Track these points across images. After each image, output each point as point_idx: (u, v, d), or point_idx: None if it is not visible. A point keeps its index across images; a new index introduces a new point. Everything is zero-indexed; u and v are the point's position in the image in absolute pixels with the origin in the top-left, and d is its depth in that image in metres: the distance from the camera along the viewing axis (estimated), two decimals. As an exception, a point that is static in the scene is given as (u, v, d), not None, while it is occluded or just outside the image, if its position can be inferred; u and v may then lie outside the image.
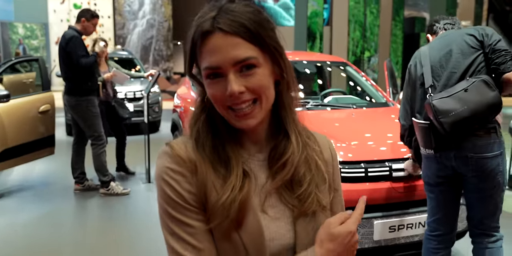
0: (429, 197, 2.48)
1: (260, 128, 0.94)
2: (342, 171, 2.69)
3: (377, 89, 4.03)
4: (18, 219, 4.03)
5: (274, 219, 0.92)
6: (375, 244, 2.72)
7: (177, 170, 0.88)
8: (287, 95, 0.94)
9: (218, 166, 0.89)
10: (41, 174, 5.48)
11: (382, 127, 3.27)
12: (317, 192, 0.94)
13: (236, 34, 0.85)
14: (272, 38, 0.90)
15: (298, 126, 0.96)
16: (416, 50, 2.60)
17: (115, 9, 15.54)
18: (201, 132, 0.92)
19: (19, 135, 4.51)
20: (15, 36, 15.21)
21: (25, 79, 8.90)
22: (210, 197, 0.88)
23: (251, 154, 0.94)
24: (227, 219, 0.86)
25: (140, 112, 7.43)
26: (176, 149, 0.90)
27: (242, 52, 0.85)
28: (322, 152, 1.00)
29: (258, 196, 0.92)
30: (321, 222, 0.94)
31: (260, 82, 0.87)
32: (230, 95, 0.85)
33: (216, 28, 0.85)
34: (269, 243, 0.90)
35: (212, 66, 0.85)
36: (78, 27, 4.43)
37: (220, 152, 0.90)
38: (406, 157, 2.82)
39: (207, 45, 0.86)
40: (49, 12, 15.20)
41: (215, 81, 0.86)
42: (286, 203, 0.93)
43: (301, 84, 4.37)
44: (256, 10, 0.89)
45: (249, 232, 0.88)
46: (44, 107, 4.75)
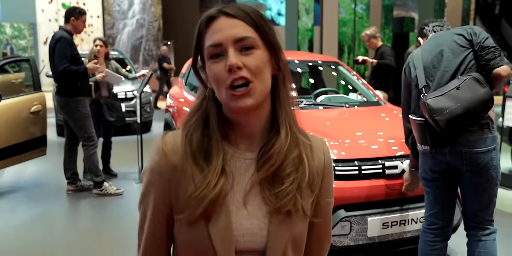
0: (426, 192, 2.53)
1: (256, 121, 0.96)
2: (336, 169, 2.73)
3: (369, 88, 4.07)
4: (10, 221, 4.01)
5: (249, 216, 0.94)
6: (369, 240, 2.76)
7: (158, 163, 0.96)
8: (283, 90, 0.97)
9: (201, 161, 0.93)
10: (33, 175, 5.45)
11: (374, 126, 3.31)
12: (297, 193, 0.95)
13: (238, 17, 0.92)
14: (271, 34, 0.95)
15: (291, 121, 0.97)
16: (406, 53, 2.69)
17: (104, 8, 15.45)
18: (192, 128, 0.96)
19: (10, 135, 4.48)
20: (2, 36, 15.05)
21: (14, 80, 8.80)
22: (187, 188, 0.92)
23: (240, 152, 0.97)
24: (195, 213, 0.91)
25: (131, 112, 7.41)
26: (166, 143, 0.96)
27: (242, 31, 0.91)
28: (314, 158, 1.00)
29: (238, 192, 0.95)
30: (296, 226, 0.96)
31: (258, 62, 0.91)
32: (229, 68, 0.89)
33: (221, 12, 0.93)
34: (238, 238, 0.93)
35: (214, 42, 0.91)
36: (68, 27, 4.41)
37: (205, 147, 0.94)
38: (399, 155, 2.87)
39: (211, 28, 0.92)
40: (37, 11, 15.06)
41: (216, 60, 0.91)
42: (265, 198, 0.95)
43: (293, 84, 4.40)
44: (258, 11, 0.96)
45: (218, 226, 0.92)
46: (36, 107, 4.72)
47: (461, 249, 3.35)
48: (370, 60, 5.26)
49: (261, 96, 0.92)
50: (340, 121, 3.40)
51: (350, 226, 2.70)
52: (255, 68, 0.90)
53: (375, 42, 5.65)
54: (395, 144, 2.97)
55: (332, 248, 2.72)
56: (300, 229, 0.97)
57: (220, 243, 0.91)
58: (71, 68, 4.26)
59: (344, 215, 2.68)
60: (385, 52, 5.52)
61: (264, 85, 0.92)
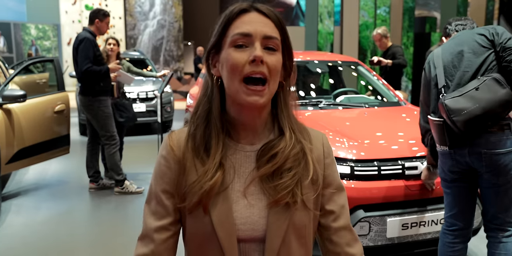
0: (445, 192, 2.51)
1: (257, 119, 1.01)
2: (355, 169, 2.72)
3: (389, 88, 4.05)
4: (35, 218, 4.11)
5: (249, 206, 0.99)
6: (388, 241, 2.75)
7: (165, 157, 1.04)
8: (286, 95, 1.03)
9: (202, 154, 1.00)
10: (56, 173, 5.57)
11: (394, 126, 3.29)
12: (296, 187, 0.98)
13: (269, 17, 0.98)
14: (289, 39, 1.01)
15: (293, 124, 1.03)
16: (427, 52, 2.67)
17: (126, 10, 15.66)
18: (197, 123, 1.02)
19: (35, 134, 4.59)
20: (28, 37, 15.40)
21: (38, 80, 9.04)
22: (189, 179, 0.99)
23: (240, 145, 1.02)
24: (191, 202, 0.98)
25: (152, 112, 7.50)
26: (172, 138, 1.04)
27: (271, 31, 0.97)
28: (313, 149, 1.04)
29: (239, 182, 1.00)
30: (295, 215, 0.99)
31: (276, 63, 0.97)
32: (254, 58, 0.93)
33: (253, 8, 0.98)
34: (240, 226, 0.98)
35: (245, 32, 0.95)
36: (92, 28, 4.51)
37: (206, 141, 1.00)
38: (419, 156, 2.85)
39: (242, 19, 0.97)
40: (61, 13, 15.36)
41: (240, 49, 0.96)
42: (264, 190, 0.99)
43: (313, 84, 4.40)
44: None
45: (220, 215, 0.97)
46: (60, 107, 4.83)
47: (482, 252, 3.31)
48: (385, 61, 5.20)
49: (270, 97, 0.98)
50: (359, 121, 3.39)
51: (369, 226, 2.69)
52: (273, 68, 0.95)
53: (386, 42, 5.60)
54: (415, 144, 2.95)
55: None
56: (301, 218, 1.00)
57: (222, 231, 0.96)
58: (94, 68, 4.34)
59: (363, 216, 2.67)
60: (397, 52, 5.46)
61: (274, 88, 0.98)
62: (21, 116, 4.46)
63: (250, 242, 0.99)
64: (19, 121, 4.44)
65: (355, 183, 2.72)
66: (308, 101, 3.68)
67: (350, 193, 2.69)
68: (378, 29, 5.62)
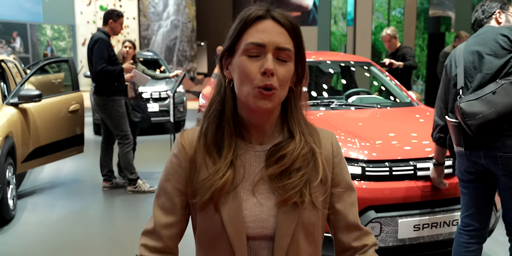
0: (462, 192, 2.49)
1: (267, 121, 1.03)
2: (366, 169, 2.72)
3: (402, 89, 4.03)
4: (50, 216, 4.17)
5: (259, 204, 1.01)
6: (399, 242, 2.74)
7: (176, 155, 1.06)
8: (297, 101, 1.05)
9: (214, 153, 1.02)
10: (71, 172, 5.65)
11: (406, 127, 3.28)
12: (304, 187, 1.00)
13: (284, 26, 0.98)
14: (304, 48, 1.02)
15: (303, 127, 1.04)
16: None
17: (140, 10, 15.79)
18: (209, 122, 1.04)
19: (50, 133, 4.66)
20: (43, 37, 15.61)
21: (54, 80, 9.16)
22: (200, 176, 1.02)
23: (251, 145, 1.04)
24: (203, 199, 1.00)
25: (165, 112, 7.56)
26: (184, 137, 1.06)
27: (286, 41, 0.97)
28: (322, 149, 1.05)
29: (248, 181, 1.02)
30: (304, 214, 1.00)
31: (287, 74, 0.98)
32: (265, 71, 0.94)
33: (270, 15, 0.98)
34: (249, 224, 1.00)
35: (259, 42, 0.96)
36: (106, 28, 4.56)
37: (218, 141, 1.02)
38: (431, 157, 2.83)
39: (258, 26, 0.97)
40: (76, 14, 15.54)
41: (252, 59, 0.97)
42: (273, 189, 1.01)
43: (325, 84, 4.40)
44: (297, 23, 1.02)
45: (230, 212, 0.99)
46: (74, 106, 4.89)
47: (497, 254, 3.28)
48: (396, 63, 5.09)
49: (278, 102, 1.00)
50: (371, 122, 3.38)
51: (380, 227, 2.69)
52: (283, 79, 0.97)
53: (395, 43, 5.51)
54: (428, 145, 2.93)
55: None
56: (309, 217, 1.02)
57: (232, 228, 0.99)
58: (108, 68, 4.40)
59: (374, 216, 2.67)
60: (407, 53, 5.36)
61: (283, 94, 1.00)
62: (36, 115, 4.53)
63: (259, 240, 1.00)
64: (35, 120, 4.51)
65: (366, 183, 2.72)
66: (320, 101, 3.68)
67: (361, 194, 2.69)
68: (387, 30, 5.52)
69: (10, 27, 14.42)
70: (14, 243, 3.55)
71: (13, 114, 4.20)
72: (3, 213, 3.82)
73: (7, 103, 4.26)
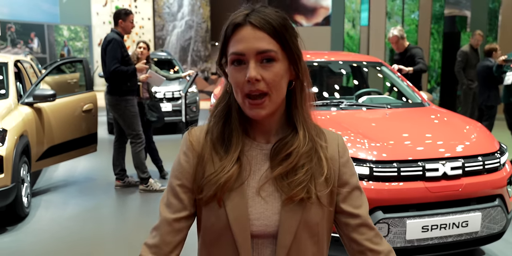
0: None
1: (270, 120, 1.04)
2: (374, 170, 2.71)
3: (413, 89, 4.00)
4: (62, 213, 4.24)
5: (264, 202, 1.01)
6: (407, 243, 2.72)
7: (185, 152, 1.07)
8: (300, 95, 1.05)
9: (220, 150, 1.03)
10: (85, 170, 5.73)
11: (415, 127, 3.26)
12: (310, 183, 1.00)
13: (263, 29, 0.98)
14: (293, 42, 1.01)
15: (308, 123, 1.05)
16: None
17: (155, 11, 15.91)
18: (216, 120, 1.06)
19: (64, 132, 4.74)
20: (60, 38, 15.83)
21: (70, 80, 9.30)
22: (206, 172, 1.03)
23: (257, 143, 1.05)
24: (208, 194, 1.01)
25: (178, 112, 7.62)
26: (192, 134, 1.08)
27: (265, 44, 0.97)
28: (328, 148, 1.06)
29: (254, 179, 1.03)
30: (309, 211, 1.01)
31: (276, 75, 0.98)
32: (248, 79, 0.96)
33: (247, 21, 0.98)
34: (254, 222, 1.00)
35: (238, 52, 0.97)
36: (118, 29, 4.62)
37: (225, 137, 1.03)
38: (440, 157, 2.81)
39: (237, 35, 0.98)
40: (92, 14, 15.73)
41: (238, 67, 0.98)
42: (278, 187, 1.01)
43: (335, 84, 4.39)
44: (284, 17, 1.02)
45: (235, 209, 1.00)
46: (88, 106, 4.96)
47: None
48: (406, 69, 4.91)
49: (275, 106, 1.00)
50: (380, 122, 3.37)
51: (388, 228, 2.68)
52: (272, 81, 0.97)
53: (403, 43, 5.29)
54: (437, 145, 2.91)
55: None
56: (314, 215, 1.01)
57: (236, 225, 0.99)
58: (121, 68, 4.45)
59: (382, 217, 2.66)
60: (416, 54, 5.14)
61: (279, 95, 1.00)
62: (51, 115, 4.61)
63: (263, 238, 1.01)
64: (49, 119, 4.59)
65: (374, 184, 2.71)
66: (329, 101, 3.68)
67: (369, 194, 2.68)
68: (393, 30, 5.27)
69: (28, 28, 14.67)
70: (28, 240, 3.62)
71: (28, 114, 4.28)
72: (17, 210, 3.90)
73: (22, 102, 4.34)
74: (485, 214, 2.83)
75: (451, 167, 2.78)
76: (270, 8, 1.02)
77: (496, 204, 2.88)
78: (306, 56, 4.24)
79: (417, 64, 5.08)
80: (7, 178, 3.66)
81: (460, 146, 2.96)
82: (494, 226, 2.89)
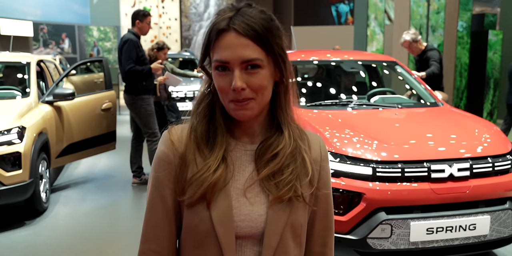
0: None
1: (255, 121, 1.03)
2: (377, 170, 2.68)
3: (427, 89, 3.92)
4: (80, 208, 4.36)
5: (249, 204, 1.00)
6: (411, 245, 2.68)
7: (165, 152, 1.03)
8: (284, 96, 1.03)
9: (204, 149, 1.01)
10: (104, 167, 5.86)
11: (424, 127, 3.19)
12: (296, 182, 1.00)
13: (247, 36, 0.95)
14: (278, 44, 0.99)
15: (292, 124, 1.04)
16: None
17: (182, 11, 16.12)
18: (198, 119, 1.03)
19: (83, 130, 4.87)
20: (90, 38, 16.24)
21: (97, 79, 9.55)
22: (190, 172, 1.00)
23: (241, 144, 1.03)
24: (195, 195, 0.98)
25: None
26: (173, 133, 1.04)
27: (250, 53, 0.95)
28: (311, 151, 1.05)
29: (238, 180, 1.01)
30: (295, 213, 1.00)
31: (261, 81, 0.97)
32: (234, 89, 0.95)
33: (231, 27, 0.95)
34: (239, 223, 0.99)
35: (222, 60, 0.95)
36: (135, 29, 4.72)
37: (210, 137, 1.01)
38: (447, 158, 2.76)
39: (221, 41, 0.96)
40: (121, 15, 16.06)
41: (222, 73, 0.97)
42: (264, 188, 1.00)
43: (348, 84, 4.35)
44: (269, 18, 0.99)
45: (219, 210, 0.98)
46: (107, 104, 5.08)
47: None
48: (419, 74, 4.74)
49: (260, 107, 0.99)
50: (387, 122, 3.31)
51: (391, 229, 2.64)
52: (257, 88, 0.96)
53: (418, 46, 5.10)
54: (444, 146, 2.85)
55: (371, 250, 2.68)
56: (299, 217, 1.01)
57: (221, 227, 0.97)
58: (136, 68, 4.54)
59: (385, 218, 2.63)
60: (432, 57, 4.96)
61: (264, 99, 0.99)
62: (70, 113, 4.74)
63: (247, 239, 1.00)
64: (69, 117, 4.72)
65: (378, 184, 2.68)
66: (338, 101, 3.65)
67: (372, 195, 2.66)
68: (405, 35, 5.07)
69: (59, 29, 15.10)
70: (44, 234, 3.74)
71: (48, 112, 4.42)
72: (35, 205, 4.03)
73: (43, 101, 4.48)
74: (494, 217, 2.75)
75: (458, 169, 2.73)
76: (255, 9, 0.99)
77: (507, 207, 2.80)
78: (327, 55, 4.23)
79: (430, 67, 4.94)
80: (25, 174, 3.79)
81: (468, 147, 2.89)
82: (504, 230, 2.81)
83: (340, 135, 2.98)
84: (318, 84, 4.51)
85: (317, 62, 4.41)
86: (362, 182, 2.68)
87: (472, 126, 3.20)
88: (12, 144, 3.75)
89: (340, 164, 2.75)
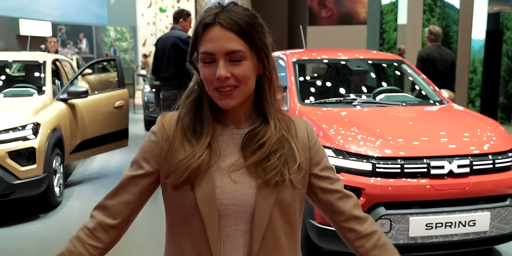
0: None
1: (240, 110, 1.10)
2: (377, 166, 2.73)
3: (433, 87, 3.94)
4: (92, 203, 4.43)
5: (233, 183, 1.06)
6: (410, 240, 2.72)
7: (155, 132, 1.13)
8: (269, 88, 1.11)
9: (191, 137, 1.08)
10: (118, 164, 6.00)
11: (426, 125, 3.23)
12: (283, 167, 1.07)
13: (231, 29, 1.03)
14: (261, 40, 1.07)
15: (278, 113, 1.12)
16: None
17: (197, 11, 16.23)
18: (186, 108, 1.12)
19: (96, 127, 5.00)
20: (107, 38, 16.51)
21: (112, 78, 9.74)
22: (175, 158, 1.07)
23: (228, 129, 1.11)
24: (180, 179, 1.05)
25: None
26: (165, 118, 1.13)
27: (233, 45, 1.03)
28: (297, 134, 1.12)
29: (224, 161, 1.08)
30: (283, 193, 1.07)
31: (244, 72, 1.05)
32: (218, 78, 1.03)
33: (217, 22, 1.03)
34: (223, 201, 1.05)
35: (208, 51, 1.04)
36: (179, 27, 4.81)
37: (196, 126, 1.09)
38: (447, 155, 2.79)
39: (207, 35, 1.04)
40: (138, 16, 16.27)
41: (208, 65, 1.05)
42: (251, 172, 1.07)
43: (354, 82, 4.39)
44: (253, 15, 1.08)
45: (203, 190, 1.05)
46: (119, 102, 5.21)
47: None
48: None
49: (243, 97, 1.07)
50: (389, 119, 3.35)
51: (390, 224, 2.69)
52: (241, 78, 1.04)
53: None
54: (444, 143, 2.89)
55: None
56: (287, 196, 1.08)
57: (204, 205, 1.05)
58: None
59: (384, 213, 2.67)
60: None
61: (248, 88, 1.07)
62: (84, 110, 4.88)
63: (232, 219, 1.06)
64: (82, 115, 4.86)
65: (377, 180, 2.73)
66: (342, 99, 3.70)
67: (371, 190, 2.71)
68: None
69: (77, 29, 15.40)
70: (57, 227, 3.87)
71: (62, 109, 4.56)
72: (49, 199, 4.17)
73: (57, 98, 4.62)
74: (495, 214, 2.78)
75: (458, 165, 2.76)
76: (240, 7, 1.07)
77: (507, 204, 2.82)
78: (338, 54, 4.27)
79: None
80: (39, 169, 3.93)
81: (469, 144, 2.92)
82: (505, 226, 2.83)
83: (342, 131, 3.03)
84: (325, 83, 4.56)
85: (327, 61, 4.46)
86: (362, 177, 2.73)
87: (474, 123, 3.22)
88: (27, 139, 3.89)
89: (341, 160, 2.80)
